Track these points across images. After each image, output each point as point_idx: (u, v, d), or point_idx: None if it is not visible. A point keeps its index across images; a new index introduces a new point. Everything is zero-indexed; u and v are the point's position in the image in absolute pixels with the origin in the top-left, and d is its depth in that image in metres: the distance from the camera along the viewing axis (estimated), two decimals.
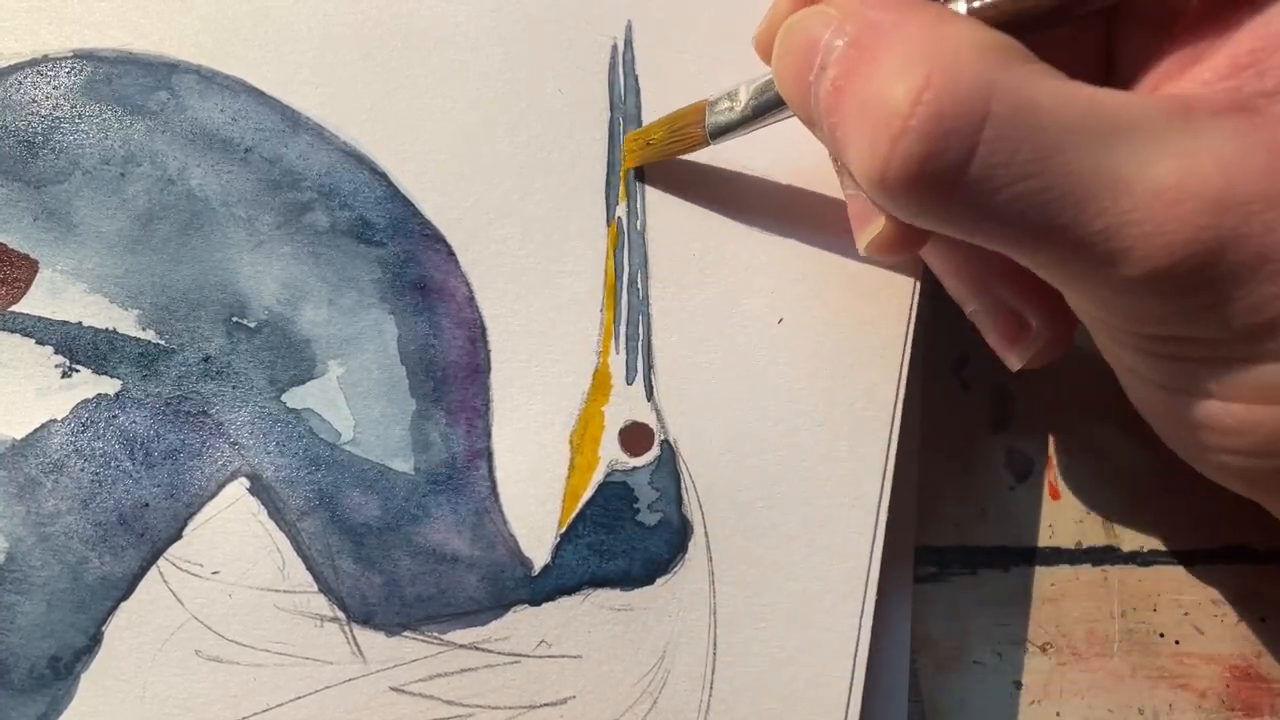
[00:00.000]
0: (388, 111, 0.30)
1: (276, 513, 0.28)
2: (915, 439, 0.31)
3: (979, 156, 0.21)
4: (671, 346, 0.30)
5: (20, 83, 0.30)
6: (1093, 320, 0.25)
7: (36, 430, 0.28)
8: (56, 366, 0.28)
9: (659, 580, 0.28)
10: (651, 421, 0.29)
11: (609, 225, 0.30)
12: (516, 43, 0.31)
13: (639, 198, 0.31)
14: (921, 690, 0.31)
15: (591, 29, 0.31)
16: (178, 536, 0.28)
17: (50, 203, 0.29)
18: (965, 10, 0.23)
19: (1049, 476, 0.32)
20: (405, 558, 0.28)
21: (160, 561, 0.27)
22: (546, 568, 0.28)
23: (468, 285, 0.30)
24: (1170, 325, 0.23)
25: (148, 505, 0.28)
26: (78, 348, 0.28)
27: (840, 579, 0.29)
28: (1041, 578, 0.31)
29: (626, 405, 0.29)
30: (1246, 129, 0.21)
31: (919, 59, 0.21)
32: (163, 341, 0.29)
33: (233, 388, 0.28)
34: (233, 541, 0.28)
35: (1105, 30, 0.26)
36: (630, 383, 0.30)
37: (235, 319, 0.29)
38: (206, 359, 0.29)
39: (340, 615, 0.28)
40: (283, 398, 0.29)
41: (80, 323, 0.28)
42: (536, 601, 0.28)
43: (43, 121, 0.29)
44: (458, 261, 0.30)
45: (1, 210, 0.29)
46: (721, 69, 0.31)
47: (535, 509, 0.29)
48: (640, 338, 0.30)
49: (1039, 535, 0.32)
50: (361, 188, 0.30)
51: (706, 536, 0.29)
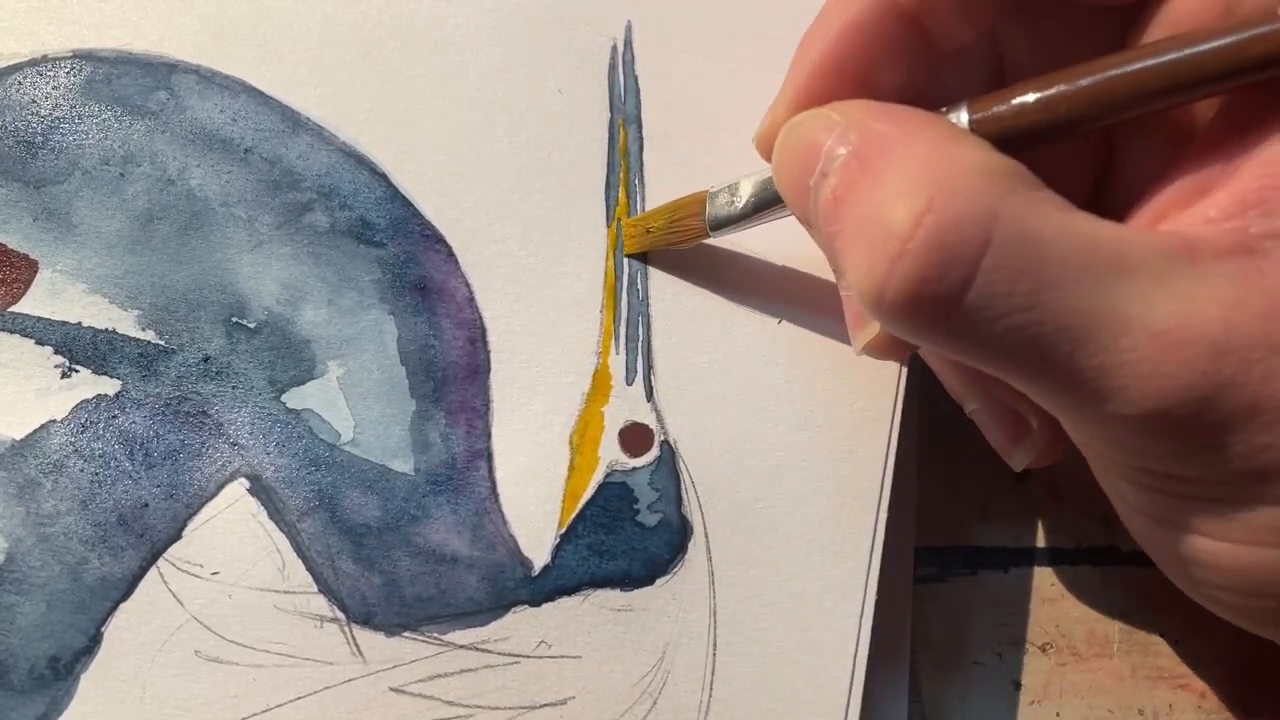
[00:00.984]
0: (388, 112, 0.30)
1: (276, 513, 0.28)
2: (915, 439, 0.31)
3: (977, 285, 0.20)
4: (671, 346, 0.30)
5: (20, 83, 0.30)
6: (1085, 447, 0.24)
7: (36, 431, 0.28)
8: (56, 367, 0.28)
9: (659, 581, 0.28)
10: (651, 422, 0.29)
11: (609, 225, 0.30)
12: (516, 43, 0.31)
13: (639, 198, 0.31)
14: (921, 691, 0.31)
15: (591, 29, 0.31)
16: (177, 537, 0.27)
17: (50, 203, 0.29)
18: (967, 122, 0.23)
19: (1049, 476, 0.32)
20: (405, 558, 0.28)
21: (160, 562, 0.27)
22: (546, 568, 0.28)
23: (468, 286, 0.30)
24: (1163, 462, 0.22)
25: (147, 506, 0.28)
26: (77, 348, 0.28)
27: (840, 579, 0.29)
28: (1041, 578, 0.31)
29: (626, 406, 0.29)
30: (1250, 273, 0.21)
31: (923, 180, 0.21)
32: (162, 342, 0.29)
33: (232, 388, 0.28)
34: (232, 542, 0.28)
35: (1106, 136, 0.26)
36: (630, 383, 0.30)
37: (235, 319, 0.29)
38: (206, 359, 0.29)
39: (340, 616, 0.27)
40: (282, 398, 0.28)
41: (80, 323, 0.28)
42: (536, 602, 0.28)
43: (42, 122, 0.29)
44: (458, 262, 0.30)
45: (1, 210, 0.29)
46: (721, 69, 0.31)
47: (535, 509, 0.29)
48: (640, 338, 0.30)
49: (1039, 535, 0.32)
50: (361, 188, 0.30)
51: (706, 537, 0.29)
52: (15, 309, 0.28)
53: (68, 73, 0.30)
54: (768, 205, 0.27)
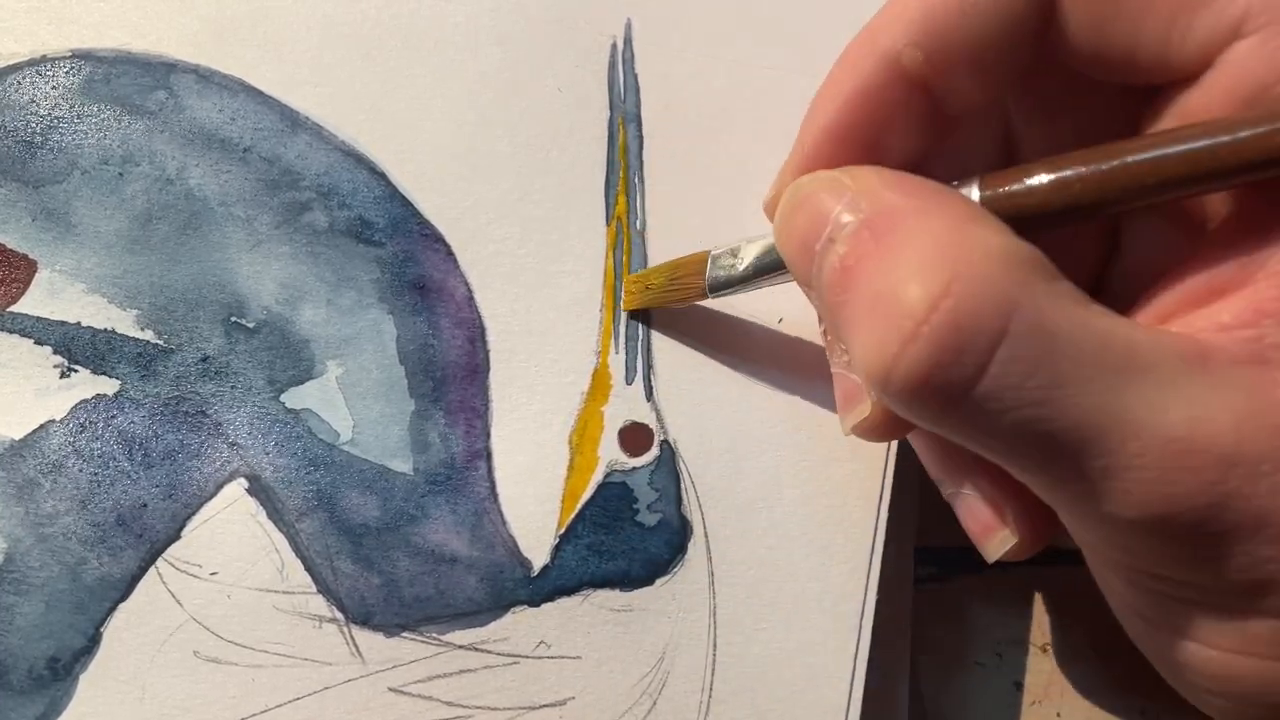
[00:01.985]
0: (387, 111, 0.30)
1: (275, 513, 0.28)
2: None
3: (990, 376, 0.20)
4: (671, 346, 0.30)
5: (19, 83, 0.29)
6: (1082, 540, 0.24)
7: (35, 431, 0.28)
8: (55, 367, 0.28)
9: (659, 581, 0.28)
10: (651, 421, 0.29)
11: (608, 225, 0.30)
12: (516, 42, 0.31)
13: (639, 197, 0.31)
14: (922, 691, 0.31)
15: (591, 27, 0.31)
16: (176, 537, 0.27)
17: (49, 203, 0.29)
18: (979, 198, 0.23)
19: None
20: (404, 558, 0.28)
21: (159, 562, 0.27)
22: (546, 568, 0.28)
23: (467, 285, 0.30)
24: (1161, 566, 0.22)
25: (146, 506, 0.28)
26: (76, 348, 0.28)
27: (840, 579, 0.29)
28: (1042, 578, 0.31)
29: (626, 405, 0.29)
30: (1264, 384, 0.20)
31: (941, 261, 0.20)
32: (161, 341, 0.29)
33: (231, 388, 0.28)
34: (231, 542, 0.28)
35: (1113, 220, 0.26)
36: (630, 383, 0.29)
37: (234, 319, 0.29)
38: (205, 359, 0.29)
39: (339, 616, 0.27)
40: (281, 398, 0.28)
41: (79, 323, 0.28)
42: (536, 602, 0.28)
43: (41, 121, 0.29)
44: (457, 261, 0.30)
45: (0, 210, 0.29)
46: (721, 67, 0.31)
47: (534, 509, 0.29)
48: (640, 338, 0.30)
49: None
50: (360, 187, 0.30)
51: (706, 537, 0.29)
52: (14, 309, 0.28)
53: (67, 72, 0.30)
54: (769, 270, 0.26)
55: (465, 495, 0.28)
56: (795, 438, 0.29)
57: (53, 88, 0.30)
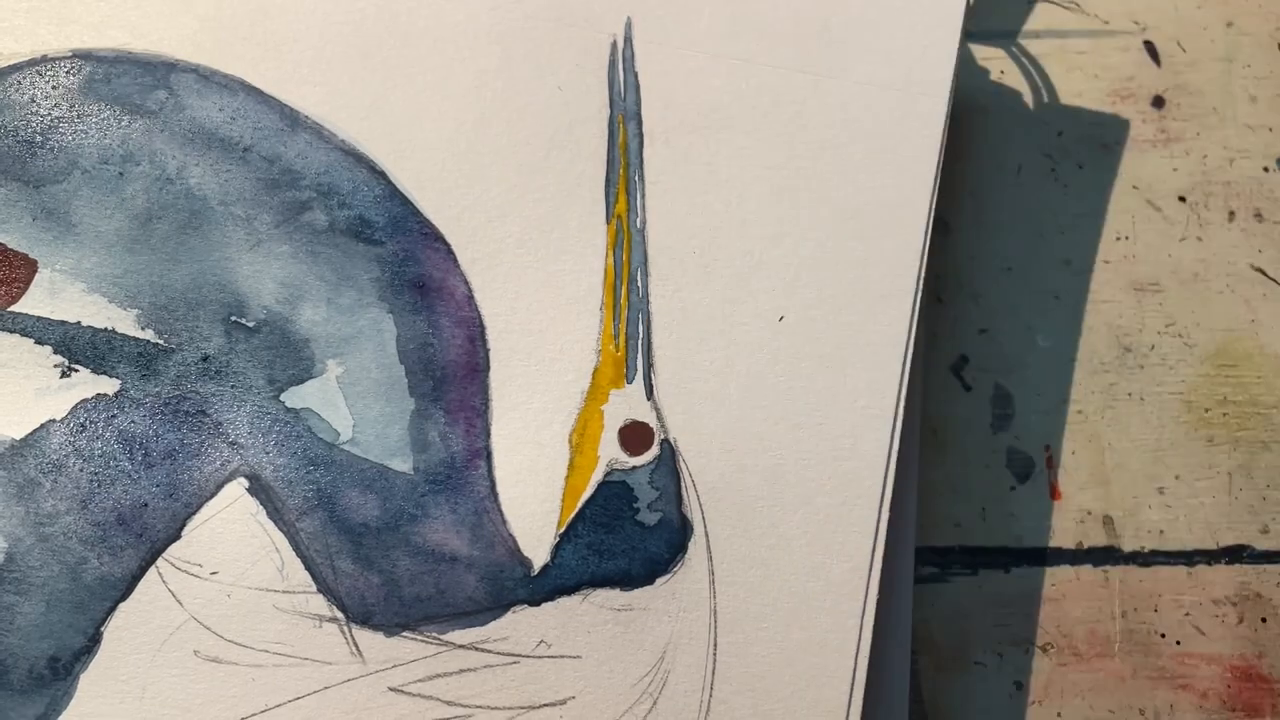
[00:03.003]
0: (386, 110, 0.30)
1: (275, 513, 0.28)
2: (915, 439, 0.31)
3: None
4: (671, 346, 0.30)
5: (19, 82, 0.30)
6: None
7: (35, 430, 0.28)
8: (55, 366, 0.28)
9: (659, 580, 0.28)
10: (651, 421, 0.29)
11: (608, 223, 0.30)
12: (515, 40, 0.31)
13: (639, 195, 0.31)
14: (923, 691, 0.31)
15: (591, 26, 0.31)
16: (176, 537, 0.27)
17: (49, 202, 0.29)
18: None
19: (1049, 476, 0.32)
20: (404, 558, 0.28)
21: (159, 562, 0.27)
22: (546, 567, 0.28)
23: (467, 284, 0.30)
24: None
25: (146, 505, 0.28)
26: (76, 347, 0.28)
27: (840, 579, 0.29)
28: (1042, 578, 0.31)
29: (626, 404, 0.29)
30: None
31: None
32: (161, 341, 0.29)
33: (231, 387, 0.28)
34: (231, 542, 0.28)
35: None
36: (630, 381, 0.29)
37: (234, 318, 0.29)
38: (205, 358, 0.29)
39: (339, 615, 0.27)
40: (281, 397, 0.28)
41: (79, 322, 0.28)
42: (536, 601, 0.28)
43: (42, 121, 0.29)
44: (457, 260, 0.30)
45: (0, 210, 0.29)
46: (721, 66, 0.31)
47: (535, 509, 0.28)
48: (640, 336, 0.30)
49: (1039, 535, 0.32)
50: (360, 186, 0.30)
51: (706, 536, 0.29)
52: (14, 308, 0.28)
53: (67, 72, 0.30)
54: None
55: (465, 494, 0.28)
56: (795, 437, 0.29)
57: (53, 87, 0.30)
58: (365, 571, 0.28)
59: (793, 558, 0.29)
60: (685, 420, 0.29)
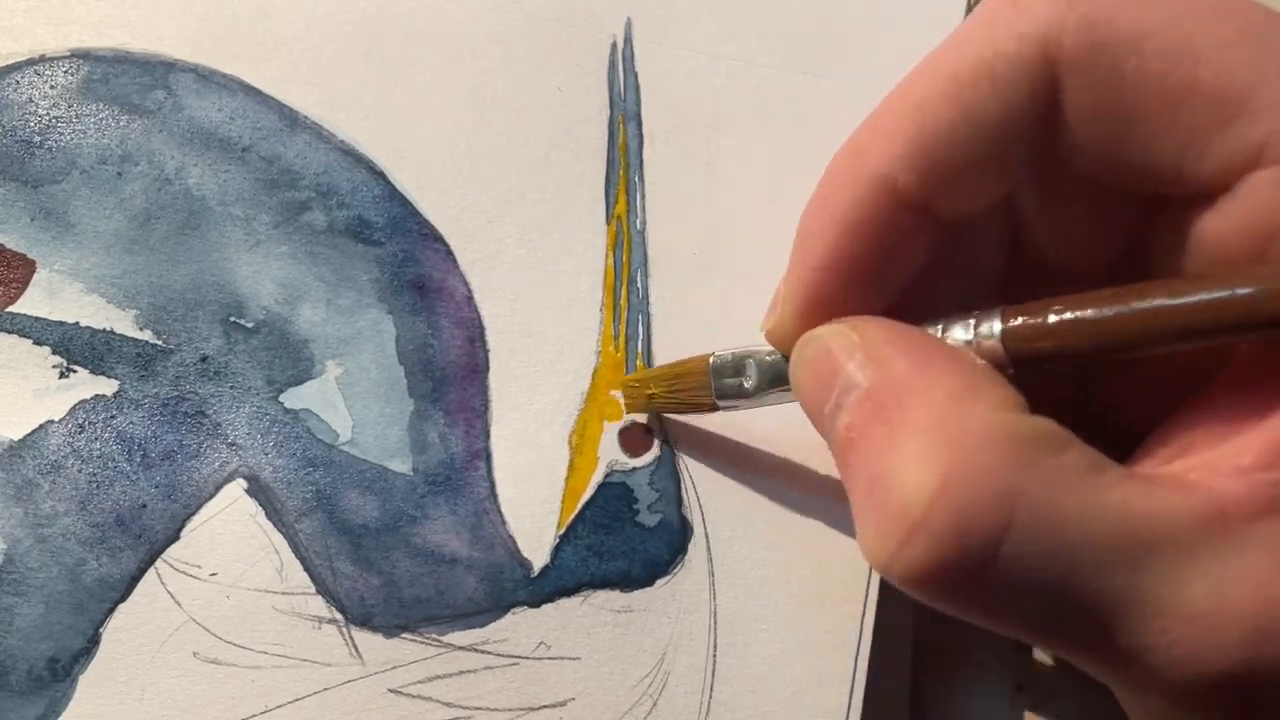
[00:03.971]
0: (386, 110, 0.30)
1: (274, 514, 0.28)
2: None
3: (996, 570, 0.19)
4: (671, 346, 0.30)
5: (18, 82, 0.29)
6: (1122, 701, 0.23)
7: (34, 431, 0.28)
8: (54, 367, 0.28)
9: (659, 582, 0.28)
10: (651, 422, 0.29)
11: (608, 224, 0.30)
12: (515, 40, 0.31)
13: (639, 196, 0.30)
14: (923, 692, 0.31)
15: (591, 26, 0.31)
16: (175, 538, 0.27)
17: (47, 202, 0.29)
18: (1000, 332, 0.22)
19: None
20: (404, 559, 0.28)
21: (158, 563, 0.27)
22: (546, 569, 0.28)
23: (466, 284, 0.30)
24: None
25: (145, 506, 0.27)
26: (75, 348, 0.28)
27: (840, 579, 0.29)
28: None
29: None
30: None
31: (937, 448, 0.20)
32: (160, 342, 0.28)
33: (230, 388, 0.28)
34: (230, 543, 0.28)
35: None
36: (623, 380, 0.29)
37: (233, 319, 0.29)
38: (204, 359, 0.28)
39: (338, 617, 0.27)
40: (281, 398, 0.28)
41: (77, 323, 0.28)
42: (536, 603, 0.28)
43: (40, 121, 0.29)
44: (456, 261, 0.30)
45: None
46: (721, 66, 0.31)
47: (534, 510, 0.28)
48: (640, 337, 0.30)
49: None
50: (359, 187, 0.30)
51: (706, 537, 0.29)
52: (13, 309, 0.28)
53: (65, 72, 0.30)
54: (778, 392, 0.26)
55: (465, 495, 0.28)
56: (796, 437, 0.29)
57: (51, 87, 0.29)
58: (365, 573, 0.28)
59: (793, 558, 0.29)
60: (685, 421, 0.29)
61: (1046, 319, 0.21)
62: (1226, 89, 0.20)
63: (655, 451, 0.29)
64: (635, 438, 0.29)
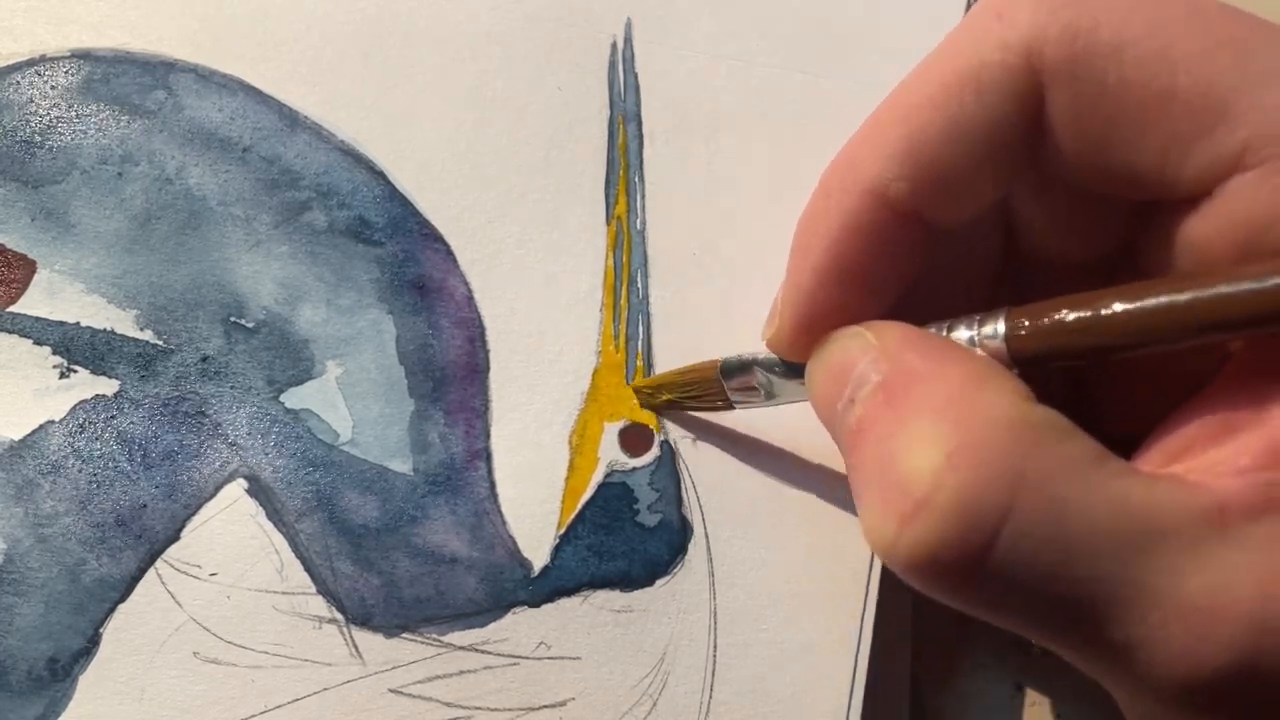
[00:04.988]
0: (386, 110, 0.30)
1: (275, 514, 0.28)
2: None
3: (996, 554, 0.19)
4: (671, 346, 0.30)
5: (18, 82, 0.29)
6: (1117, 697, 0.23)
7: (34, 431, 0.28)
8: (54, 367, 0.28)
9: (659, 581, 0.28)
10: (651, 422, 0.29)
11: (608, 224, 0.30)
12: (515, 40, 0.31)
13: (639, 196, 0.31)
14: (922, 692, 0.31)
15: (591, 26, 0.31)
16: (176, 538, 0.27)
17: (48, 203, 0.29)
18: (1004, 333, 0.22)
19: None
20: (404, 559, 0.28)
21: (158, 563, 0.27)
22: (546, 569, 0.28)
23: (466, 285, 0.30)
24: None
25: (145, 506, 0.27)
26: (75, 348, 0.28)
27: (840, 579, 0.29)
28: None
29: (626, 405, 0.29)
30: None
31: (945, 429, 0.20)
32: (161, 342, 0.28)
33: (231, 388, 0.28)
34: (231, 543, 0.28)
35: None
36: (630, 383, 0.29)
37: (233, 319, 0.29)
38: (204, 359, 0.28)
39: (339, 617, 0.27)
40: (281, 398, 0.28)
41: (78, 323, 0.28)
42: (536, 603, 0.28)
43: (40, 121, 0.29)
44: (456, 261, 0.30)
45: None
46: (721, 66, 0.31)
47: (534, 510, 0.28)
48: (640, 337, 0.30)
49: None
50: (360, 187, 0.30)
51: (706, 538, 0.29)
52: (13, 309, 0.28)
53: (66, 72, 0.30)
54: (792, 394, 0.27)
55: (465, 495, 0.28)
56: (796, 437, 0.29)
57: (52, 87, 0.29)
58: (365, 573, 0.28)
59: (793, 558, 0.29)
60: (685, 421, 0.29)
61: (1050, 319, 0.22)
62: (1206, 96, 0.20)
63: (655, 451, 0.29)
64: (635, 438, 0.29)
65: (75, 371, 0.28)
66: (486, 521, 0.28)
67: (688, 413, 0.29)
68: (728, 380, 0.27)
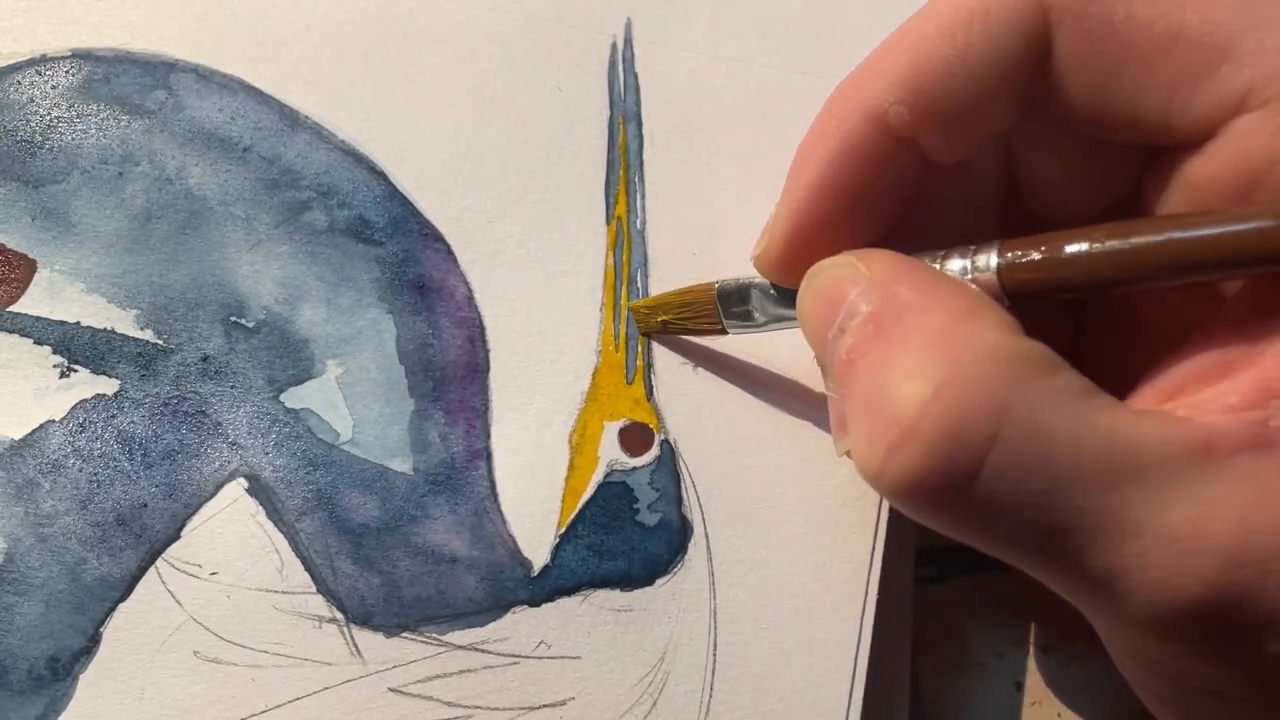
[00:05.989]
0: (386, 110, 0.30)
1: (275, 513, 0.28)
2: None
3: (982, 481, 0.20)
4: (671, 345, 0.30)
5: (19, 82, 0.29)
6: (1099, 629, 0.23)
7: (35, 431, 0.28)
8: (55, 366, 0.28)
9: (659, 581, 0.28)
10: (651, 421, 0.29)
11: (608, 224, 0.30)
12: (515, 41, 0.31)
13: (639, 196, 0.31)
14: (923, 691, 0.31)
15: (591, 27, 0.31)
16: (176, 537, 0.27)
17: (48, 202, 0.29)
18: (996, 265, 0.22)
19: None
20: (404, 558, 0.28)
21: (158, 562, 0.27)
22: (546, 568, 0.28)
23: (467, 284, 0.30)
24: (1174, 660, 0.22)
25: (146, 506, 0.27)
26: (76, 347, 0.28)
27: (840, 579, 0.29)
28: None
29: (626, 405, 0.29)
30: (1268, 471, 0.19)
31: (933, 361, 0.20)
32: (161, 341, 0.28)
33: (231, 388, 0.28)
34: (231, 542, 0.28)
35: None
36: (630, 382, 0.29)
37: (233, 319, 0.29)
38: (205, 359, 0.28)
39: (339, 616, 0.27)
40: (281, 398, 0.28)
41: (78, 322, 0.28)
42: (536, 602, 0.28)
43: (41, 121, 0.29)
44: (457, 260, 0.30)
45: (0, 210, 0.29)
46: (721, 66, 0.31)
47: (535, 509, 0.28)
48: (640, 337, 0.30)
49: None
50: (360, 187, 0.30)
51: (706, 537, 0.29)
52: (13, 308, 0.28)
53: (66, 72, 0.30)
54: (784, 320, 0.27)
55: (465, 495, 0.28)
56: (796, 437, 0.29)
57: (52, 87, 0.29)
58: (365, 572, 0.28)
59: (793, 558, 0.29)
60: (685, 421, 0.29)
61: (1042, 252, 0.22)
62: (1212, 35, 0.21)
63: (655, 451, 0.29)
64: (635, 437, 0.29)
65: (75, 371, 0.28)
66: (487, 521, 0.28)
67: (684, 337, 0.29)
68: (725, 305, 0.28)
